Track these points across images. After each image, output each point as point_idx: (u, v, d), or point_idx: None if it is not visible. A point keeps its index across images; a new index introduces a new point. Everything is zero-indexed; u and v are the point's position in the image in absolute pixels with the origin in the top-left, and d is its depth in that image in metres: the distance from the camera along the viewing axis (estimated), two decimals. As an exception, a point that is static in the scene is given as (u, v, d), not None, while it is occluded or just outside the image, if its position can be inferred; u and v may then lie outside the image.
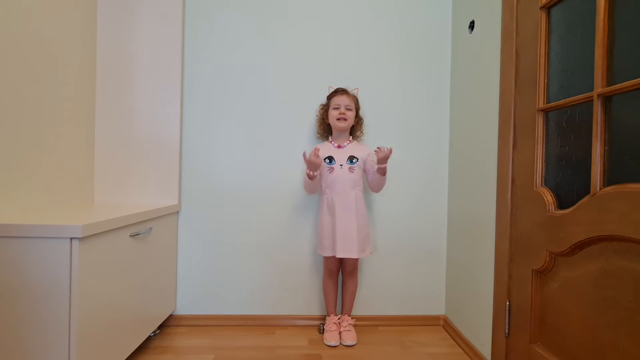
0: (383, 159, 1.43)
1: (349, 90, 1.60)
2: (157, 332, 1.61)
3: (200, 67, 1.71)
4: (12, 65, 1.16)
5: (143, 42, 1.64)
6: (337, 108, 1.54)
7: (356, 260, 1.59)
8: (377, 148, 1.42)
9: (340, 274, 1.66)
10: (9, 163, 1.15)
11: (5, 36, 1.13)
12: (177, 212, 1.70)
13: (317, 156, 1.42)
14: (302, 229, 1.74)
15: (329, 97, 1.60)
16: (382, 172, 1.47)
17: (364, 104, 1.72)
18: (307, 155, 1.42)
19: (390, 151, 1.40)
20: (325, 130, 1.64)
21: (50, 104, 1.33)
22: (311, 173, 1.46)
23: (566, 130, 1.03)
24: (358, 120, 1.62)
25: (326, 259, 1.60)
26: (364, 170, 1.59)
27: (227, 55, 1.71)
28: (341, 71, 1.74)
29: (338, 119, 1.54)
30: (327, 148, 1.58)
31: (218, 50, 1.71)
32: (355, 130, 1.63)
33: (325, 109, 1.61)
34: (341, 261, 1.61)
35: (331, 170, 1.54)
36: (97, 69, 1.62)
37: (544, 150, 1.10)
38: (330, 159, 1.54)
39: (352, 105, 1.56)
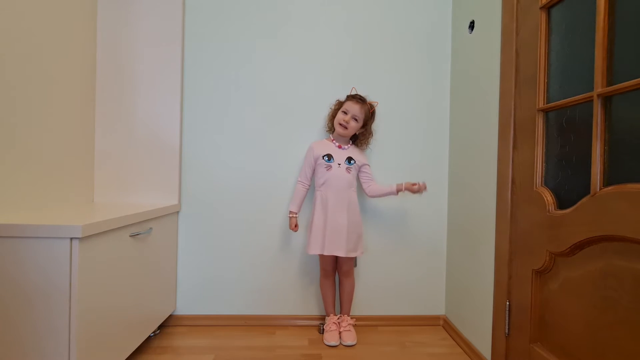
0: (413, 191, 1.51)
1: (369, 100, 1.58)
2: (157, 332, 1.61)
3: (201, 66, 1.71)
4: (12, 65, 1.16)
5: (143, 42, 1.64)
6: (346, 113, 1.53)
7: (351, 260, 1.59)
8: (416, 185, 1.50)
9: (337, 274, 1.66)
10: (9, 163, 1.15)
11: (6, 36, 1.13)
12: (177, 212, 1.70)
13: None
14: (302, 228, 1.74)
15: (347, 98, 1.58)
16: (398, 192, 1.54)
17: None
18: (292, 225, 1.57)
19: (424, 187, 1.50)
20: (331, 125, 1.63)
21: (50, 103, 1.33)
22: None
23: (566, 130, 1.03)
24: (365, 132, 1.60)
25: (321, 259, 1.60)
26: (360, 173, 1.59)
27: (228, 56, 1.71)
28: (340, 71, 1.74)
29: (340, 124, 1.53)
30: (327, 146, 1.58)
31: (218, 50, 1.71)
32: (359, 141, 1.62)
33: (337, 108, 1.59)
34: (337, 262, 1.61)
35: (329, 168, 1.54)
36: (97, 69, 1.62)
37: (544, 150, 1.10)
38: (329, 156, 1.55)
39: (361, 117, 1.53)
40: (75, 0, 1.46)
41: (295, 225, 1.57)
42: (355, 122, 1.53)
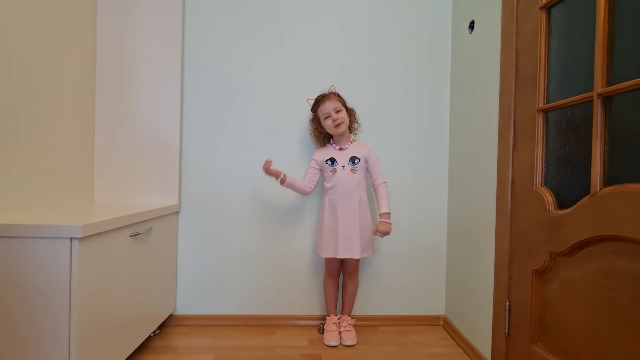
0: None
1: (326, 92, 1.58)
2: (157, 332, 1.61)
3: (201, 66, 1.71)
4: (12, 65, 1.16)
5: (143, 41, 1.64)
6: (328, 116, 1.51)
7: (357, 261, 1.59)
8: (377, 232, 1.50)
9: (341, 274, 1.66)
10: (9, 163, 1.15)
11: (6, 36, 1.13)
12: (177, 212, 1.70)
13: (268, 169, 1.47)
14: (303, 228, 1.74)
15: (314, 110, 1.58)
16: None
17: (364, 105, 1.72)
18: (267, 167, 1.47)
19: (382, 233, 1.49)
20: (325, 139, 1.62)
21: (50, 104, 1.33)
22: (277, 179, 1.50)
23: (566, 130, 1.03)
24: (349, 113, 1.59)
25: (327, 259, 1.60)
26: (367, 170, 1.58)
27: (228, 55, 1.71)
28: (341, 71, 1.74)
29: (335, 126, 1.51)
30: (328, 151, 1.58)
31: (218, 50, 1.71)
32: (350, 123, 1.60)
33: (317, 121, 1.58)
34: (342, 262, 1.61)
35: (333, 172, 1.53)
36: (97, 69, 1.62)
37: (544, 150, 1.10)
38: (332, 160, 1.54)
39: (339, 105, 1.52)
40: (75, 1, 1.46)
41: (268, 167, 1.46)
42: (342, 112, 1.52)
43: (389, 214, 1.52)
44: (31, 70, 1.23)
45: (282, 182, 1.50)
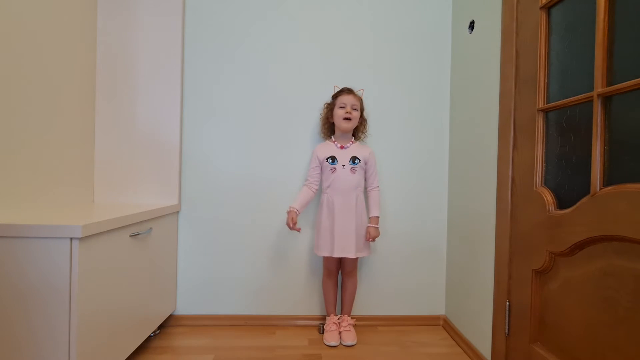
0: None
1: (355, 90, 1.60)
2: (157, 332, 1.61)
3: (201, 66, 1.71)
4: (12, 65, 1.16)
5: (143, 42, 1.64)
6: (343, 107, 1.53)
7: (355, 260, 1.59)
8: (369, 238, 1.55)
9: (339, 274, 1.66)
10: (9, 163, 1.15)
11: (6, 36, 1.13)
12: (177, 212, 1.70)
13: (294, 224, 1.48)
14: (303, 228, 1.74)
15: (335, 97, 1.59)
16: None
17: (365, 105, 1.72)
18: (291, 222, 1.48)
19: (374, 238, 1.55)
20: (329, 129, 1.63)
21: (50, 103, 1.33)
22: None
23: (566, 130, 1.03)
24: (362, 121, 1.61)
25: (325, 259, 1.60)
26: (364, 172, 1.58)
27: (228, 55, 1.71)
28: (341, 71, 1.74)
29: (344, 119, 1.53)
30: (329, 148, 1.58)
31: (218, 49, 1.71)
32: (358, 131, 1.63)
33: (330, 108, 1.60)
34: (340, 261, 1.61)
35: (333, 170, 1.53)
36: (97, 68, 1.62)
37: (544, 150, 1.10)
38: (333, 158, 1.54)
39: (358, 105, 1.55)
40: (75, 0, 1.46)
41: (294, 223, 1.47)
42: (356, 112, 1.54)
43: (379, 218, 1.57)
44: (31, 70, 1.23)
45: (298, 213, 1.51)
